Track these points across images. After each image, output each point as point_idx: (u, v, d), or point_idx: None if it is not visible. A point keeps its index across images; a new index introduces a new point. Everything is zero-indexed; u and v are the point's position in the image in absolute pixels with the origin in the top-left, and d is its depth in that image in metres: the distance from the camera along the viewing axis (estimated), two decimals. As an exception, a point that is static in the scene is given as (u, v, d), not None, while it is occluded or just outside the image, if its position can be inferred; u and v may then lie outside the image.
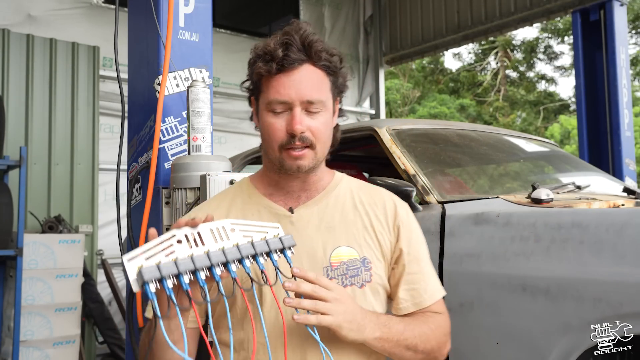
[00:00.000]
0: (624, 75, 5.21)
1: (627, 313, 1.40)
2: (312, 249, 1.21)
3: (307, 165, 1.21)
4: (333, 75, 1.24)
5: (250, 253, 1.01)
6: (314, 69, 1.20)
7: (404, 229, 1.28)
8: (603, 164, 5.06)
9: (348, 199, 1.29)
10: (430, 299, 1.26)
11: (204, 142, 1.52)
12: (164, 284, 0.91)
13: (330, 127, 1.26)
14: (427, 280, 1.27)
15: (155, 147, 1.59)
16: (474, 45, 18.70)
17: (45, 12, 4.93)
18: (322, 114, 1.21)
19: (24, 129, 4.21)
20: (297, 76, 1.18)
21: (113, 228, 4.36)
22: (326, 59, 1.21)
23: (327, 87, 1.23)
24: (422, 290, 1.26)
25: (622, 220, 1.54)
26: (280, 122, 1.19)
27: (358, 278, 1.21)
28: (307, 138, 1.19)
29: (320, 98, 1.20)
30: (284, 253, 1.07)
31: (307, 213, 1.25)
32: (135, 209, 1.68)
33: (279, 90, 1.18)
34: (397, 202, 1.32)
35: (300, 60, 1.19)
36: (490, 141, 2.67)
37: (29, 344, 3.65)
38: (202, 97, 1.52)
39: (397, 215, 1.28)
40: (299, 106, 1.18)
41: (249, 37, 6.42)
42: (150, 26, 1.66)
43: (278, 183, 1.28)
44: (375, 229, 1.26)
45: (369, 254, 1.23)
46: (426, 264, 1.29)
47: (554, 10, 5.94)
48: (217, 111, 5.35)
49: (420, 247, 1.29)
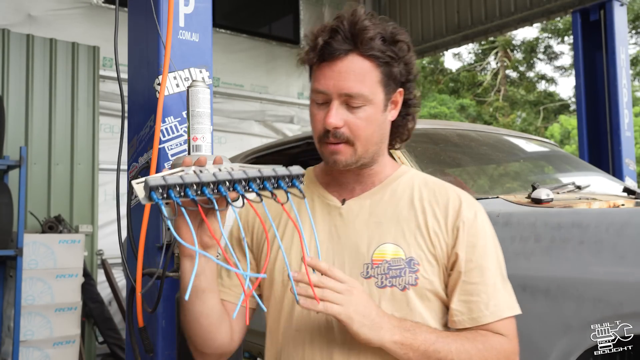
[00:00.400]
0: (624, 75, 5.20)
1: (627, 313, 1.40)
2: (356, 243, 1.14)
3: (345, 161, 1.14)
4: (386, 65, 1.12)
5: (257, 175, 0.98)
6: (360, 59, 1.10)
7: (466, 231, 1.13)
8: (603, 164, 5.05)
9: (406, 195, 1.18)
10: (492, 316, 1.09)
11: (204, 142, 1.52)
12: (170, 193, 0.92)
13: (377, 122, 1.14)
14: (490, 293, 1.10)
15: (155, 147, 1.59)
16: (474, 45, 18.70)
17: (45, 12, 4.92)
18: (364, 109, 1.11)
19: (24, 129, 4.21)
20: (340, 67, 1.10)
21: (113, 228, 4.35)
22: (378, 48, 1.10)
23: (375, 79, 1.12)
24: (483, 304, 1.09)
25: (622, 220, 1.54)
26: (321, 113, 1.13)
27: (400, 279, 1.10)
28: (342, 134, 1.11)
29: (362, 92, 1.10)
30: (294, 182, 1.02)
31: (357, 206, 1.18)
32: (135, 209, 1.68)
33: (320, 80, 1.12)
34: (464, 201, 1.16)
35: (345, 50, 1.10)
36: (490, 141, 2.67)
37: (29, 344, 3.65)
38: (202, 97, 1.52)
39: (459, 216, 1.14)
40: (336, 99, 1.11)
41: (249, 37, 6.42)
42: (150, 26, 1.66)
43: (332, 173, 1.23)
44: (430, 229, 1.14)
45: (417, 254, 1.12)
46: (494, 275, 1.12)
47: (554, 10, 5.93)
48: (217, 111, 5.36)
49: (487, 255, 1.13)
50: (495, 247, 1.16)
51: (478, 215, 1.16)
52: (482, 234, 1.14)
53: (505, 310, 1.10)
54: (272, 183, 1.00)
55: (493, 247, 1.15)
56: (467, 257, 1.11)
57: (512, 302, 1.13)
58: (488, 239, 1.15)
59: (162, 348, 1.57)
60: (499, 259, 1.15)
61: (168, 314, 1.57)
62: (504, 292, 1.12)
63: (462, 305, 1.10)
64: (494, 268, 1.13)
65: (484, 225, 1.16)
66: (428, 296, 1.12)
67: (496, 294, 1.11)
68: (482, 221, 1.16)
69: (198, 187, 0.94)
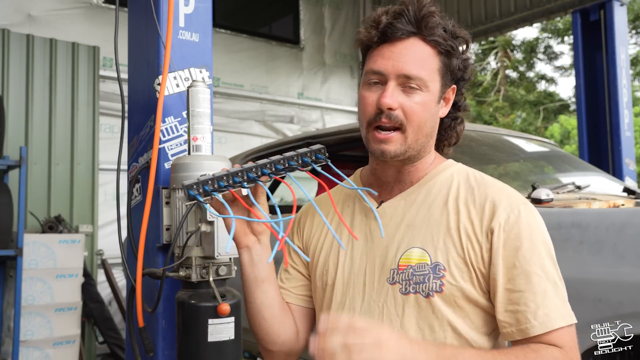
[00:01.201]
0: (624, 75, 5.21)
1: (627, 313, 1.40)
2: (386, 248, 1.11)
3: (393, 151, 1.08)
4: (446, 55, 1.09)
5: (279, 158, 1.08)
6: (422, 44, 1.07)
7: (504, 234, 1.03)
8: (603, 164, 5.05)
9: (442, 194, 1.12)
10: (542, 327, 0.98)
11: (204, 142, 1.52)
12: (205, 188, 1.03)
13: (431, 111, 1.09)
14: (539, 302, 0.99)
15: (155, 147, 1.59)
16: (474, 45, 18.67)
17: (45, 12, 4.92)
18: (420, 94, 1.07)
19: (24, 129, 4.21)
20: (400, 48, 1.07)
21: (113, 228, 4.36)
22: (441, 36, 1.07)
23: (434, 66, 1.08)
24: (530, 314, 0.99)
25: (622, 220, 1.54)
26: (373, 96, 1.08)
27: (424, 286, 1.04)
28: (396, 117, 1.06)
29: (421, 75, 1.06)
30: (318, 156, 1.11)
31: (392, 208, 1.15)
32: (135, 209, 1.68)
33: (377, 60, 1.08)
34: (504, 199, 1.07)
35: (408, 32, 1.07)
36: (490, 141, 2.67)
37: (29, 344, 3.65)
38: (202, 97, 1.52)
39: (494, 216, 1.04)
40: (394, 80, 1.06)
41: (249, 37, 6.42)
42: (150, 26, 1.66)
43: (376, 172, 1.20)
44: (462, 232, 1.06)
45: (444, 259, 1.04)
46: (542, 281, 1.01)
47: (554, 10, 5.93)
48: (217, 111, 5.36)
49: (533, 259, 1.02)
50: (544, 250, 1.04)
51: (522, 216, 1.05)
52: (527, 235, 1.03)
53: (557, 320, 0.99)
54: (296, 160, 1.09)
55: (541, 251, 1.04)
56: (508, 263, 1.02)
57: (566, 310, 1.02)
58: (535, 241, 1.04)
59: (162, 348, 1.57)
60: (550, 263, 1.04)
61: (168, 314, 1.57)
62: (556, 299, 1.01)
63: (508, 316, 1.01)
64: (539, 273, 1.02)
65: (530, 226, 1.04)
66: (459, 303, 1.04)
67: (546, 302, 1.00)
68: (527, 222, 1.05)
69: (229, 177, 1.04)
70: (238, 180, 1.04)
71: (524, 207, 1.07)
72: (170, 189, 1.54)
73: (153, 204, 1.55)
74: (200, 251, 1.40)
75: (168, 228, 1.55)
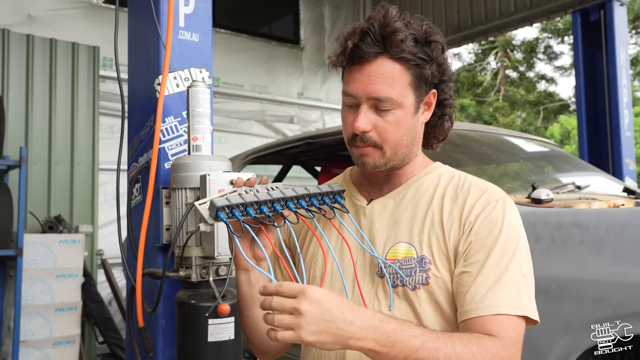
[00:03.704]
0: (624, 75, 5.21)
1: (627, 313, 1.40)
2: (374, 243, 1.16)
3: (372, 164, 1.14)
4: (417, 67, 1.10)
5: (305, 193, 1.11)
6: (390, 62, 1.08)
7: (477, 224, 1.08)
8: (603, 164, 5.05)
9: (429, 192, 1.16)
10: (486, 311, 1.00)
11: (204, 142, 1.52)
12: (234, 212, 1.04)
13: (406, 125, 1.12)
14: (490, 286, 1.02)
15: (155, 147, 1.59)
16: (474, 45, 18.70)
17: (45, 12, 4.92)
18: (393, 112, 1.10)
19: (24, 129, 4.21)
20: (369, 69, 1.09)
21: (113, 228, 4.35)
22: (409, 51, 1.08)
23: (405, 82, 1.09)
24: (479, 295, 1.02)
25: (622, 220, 1.54)
26: (350, 117, 1.13)
27: (410, 279, 1.09)
28: (368, 138, 1.11)
29: (390, 96, 1.08)
30: (336, 198, 1.16)
31: (380, 206, 1.19)
32: (135, 209, 1.68)
33: (349, 83, 1.12)
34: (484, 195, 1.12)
35: (375, 53, 1.08)
36: (490, 141, 2.67)
37: (29, 344, 3.65)
38: (202, 97, 1.52)
39: (472, 210, 1.10)
40: (365, 103, 1.10)
41: (249, 37, 6.42)
42: (150, 26, 1.66)
43: (365, 173, 1.24)
44: (445, 226, 1.10)
45: (429, 253, 1.09)
46: (501, 270, 1.03)
47: (554, 10, 5.93)
48: (217, 111, 5.36)
49: (496, 247, 1.05)
50: (515, 243, 1.07)
51: (497, 207, 1.09)
52: (498, 226, 1.07)
53: (505, 308, 1.00)
54: (318, 200, 1.13)
55: (511, 243, 1.06)
56: (472, 249, 1.06)
57: (519, 302, 1.02)
58: (505, 233, 1.07)
59: (162, 348, 1.57)
60: (517, 257, 1.06)
61: (168, 314, 1.57)
62: (512, 289, 1.02)
63: (461, 296, 1.05)
64: (504, 263, 1.04)
65: (504, 218, 1.08)
66: (443, 294, 1.08)
67: (500, 289, 1.02)
68: (501, 213, 1.09)
69: (257, 205, 1.06)
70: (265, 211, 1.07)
71: (501, 201, 1.11)
72: (170, 189, 1.54)
73: (153, 204, 1.55)
74: (200, 251, 1.40)
75: (168, 228, 1.55)
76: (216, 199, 1.04)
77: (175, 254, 1.46)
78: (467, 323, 1.03)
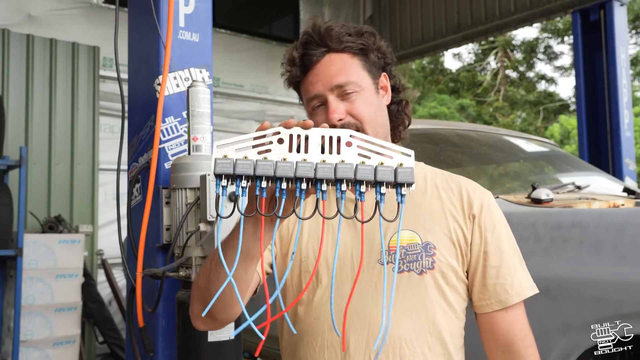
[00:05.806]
0: (624, 75, 5.20)
1: (627, 313, 1.40)
2: (372, 232, 1.15)
3: None
4: (362, 54, 1.20)
5: (347, 177, 0.82)
6: (336, 55, 1.18)
7: (482, 217, 1.16)
8: (603, 164, 5.05)
9: (420, 182, 1.21)
10: (518, 297, 1.13)
11: (204, 142, 1.52)
12: (236, 183, 0.83)
13: (374, 103, 1.19)
14: (513, 275, 1.14)
15: (155, 147, 1.59)
16: (474, 45, 18.70)
17: (45, 12, 4.92)
18: (360, 94, 1.17)
19: (24, 129, 4.21)
20: (321, 67, 1.18)
21: (113, 228, 4.35)
22: (348, 41, 1.18)
23: (357, 66, 1.19)
24: (508, 285, 1.13)
25: (622, 220, 1.54)
26: (322, 117, 1.17)
27: (417, 264, 1.13)
28: (348, 123, 1.15)
29: (350, 79, 1.16)
30: (397, 189, 0.85)
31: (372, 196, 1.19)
32: (135, 209, 1.68)
33: (308, 88, 1.19)
34: (476, 188, 1.21)
35: (321, 52, 1.18)
36: (490, 141, 2.67)
37: (29, 344, 3.65)
38: (202, 97, 1.52)
39: (474, 202, 1.18)
40: (331, 94, 1.16)
41: (249, 37, 6.42)
42: (150, 26, 1.66)
43: None
44: (447, 213, 1.17)
45: (433, 238, 1.14)
46: (512, 256, 1.16)
47: (554, 10, 5.92)
48: (217, 111, 5.35)
49: (502, 237, 1.17)
50: (507, 229, 1.20)
51: (491, 202, 1.20)
52: (497, 218, 1.18)
53: (527, 290, 1.15)
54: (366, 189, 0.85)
55: (506, 230, 1.19)
56: (486, 242, 1.15)
57: (531, 281, 1.17)
58: (501, 222, 1.19)
59: (162, 348, 1.57)
60: (513, 241, 1.19)
61: (168, 314, 1.57)
62: (523, 272, 1.16)
63: (487, 289, 1.13)
64: (511, 250, 1.17)
65: (497, 211, 1.20)
66: (447, 279, 1.14)
67: (517, 275, 1.15)
68: (495, 207, 1.20)
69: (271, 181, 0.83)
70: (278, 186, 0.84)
71: (490, 195, 1.22)
72: (170, 189, 1.54)
73: (153, 204, 1.55)
74: (200, 251, 1.40)
75: (168, 228, 1.55)
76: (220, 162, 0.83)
77: (175, 254, 1.46)
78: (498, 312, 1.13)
